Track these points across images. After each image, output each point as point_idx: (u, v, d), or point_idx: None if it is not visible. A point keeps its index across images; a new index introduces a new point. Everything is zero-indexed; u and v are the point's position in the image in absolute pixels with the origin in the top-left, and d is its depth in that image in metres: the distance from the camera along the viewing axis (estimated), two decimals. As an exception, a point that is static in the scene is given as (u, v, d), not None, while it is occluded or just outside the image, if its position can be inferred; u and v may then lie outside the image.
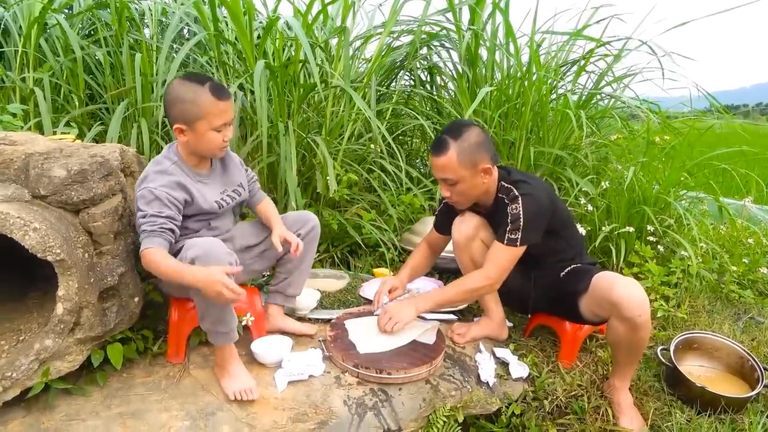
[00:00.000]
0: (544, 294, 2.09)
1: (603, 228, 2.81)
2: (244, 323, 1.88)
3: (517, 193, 1.87)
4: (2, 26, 3.25)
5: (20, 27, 3.03)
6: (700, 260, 2.88)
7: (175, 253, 1.68)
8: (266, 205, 2.00)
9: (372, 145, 3.34)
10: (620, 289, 1.76)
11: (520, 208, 1.84)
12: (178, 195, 1.65)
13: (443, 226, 2.18)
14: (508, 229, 1.85)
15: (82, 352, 1.61)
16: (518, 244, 1.84)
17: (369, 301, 2.34)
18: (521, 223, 1.83)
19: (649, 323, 1.78)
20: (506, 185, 1.92)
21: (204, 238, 1.60)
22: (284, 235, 1.84)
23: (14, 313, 1.69)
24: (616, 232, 2.84)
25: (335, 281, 2.53)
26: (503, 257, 1.87)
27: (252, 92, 2.70)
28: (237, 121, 2.57)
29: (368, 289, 2.45)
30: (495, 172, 1.94)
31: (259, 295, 2.00)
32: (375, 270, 2.80)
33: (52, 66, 2.91)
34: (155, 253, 1.54)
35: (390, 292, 2.10)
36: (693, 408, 1.97)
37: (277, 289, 2.03)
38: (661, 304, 2.54)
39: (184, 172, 1.72)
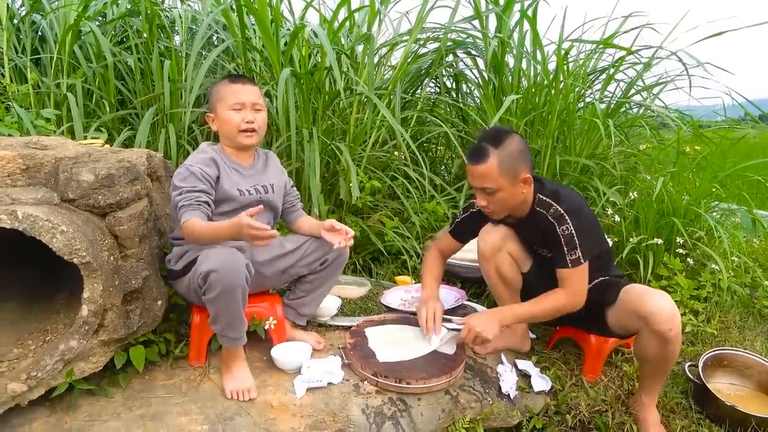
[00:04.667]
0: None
1: (631, 239, 2.75)
2: (266, 327, 1.90)
3: (561, 211, 1.81)
4: (39, 33, 3.35)
5: (56, 34, 3.12)
6: (732, 274, 2.79)
7: (190, 262, 1.72)
8: (306, 218, 2.08)
9: (396, 153, 3.33)
10: (651, 302, 1.72)
11: (572, 228, 1.80)
12: (210, 171, 1.72)
13: (464, 234, 2.14)
14: (566, 251, 1.81)
15: (106, 354, 1.64)
16: (583, 261, 1.81)
17: (390, 309, 2.33)
18: (577, 242, 1.79)
19: (680, 337, 1.73)
20: (544, 198, 1.86)
21: (219, 248, 1.61)
22: (332, 223, 1.87)
23: (43, 313, 1.72)
24: (644, 244, 2.77)
25: (356, 288, 2.53)
26: (575, 278, 1.83)
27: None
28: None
29: (390, 297, 2.43)
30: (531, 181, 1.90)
31: (281, 302, 2.01)
32: (397, 278, 2.79)
33: (85, 72, 2.98)
34: (193, 223, 1.60)
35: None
36: (722, 427, 1.90)
37: (291, 305, 2.03)
38: (690, 319, 2.47)
39: (220, 156, 1.81)
